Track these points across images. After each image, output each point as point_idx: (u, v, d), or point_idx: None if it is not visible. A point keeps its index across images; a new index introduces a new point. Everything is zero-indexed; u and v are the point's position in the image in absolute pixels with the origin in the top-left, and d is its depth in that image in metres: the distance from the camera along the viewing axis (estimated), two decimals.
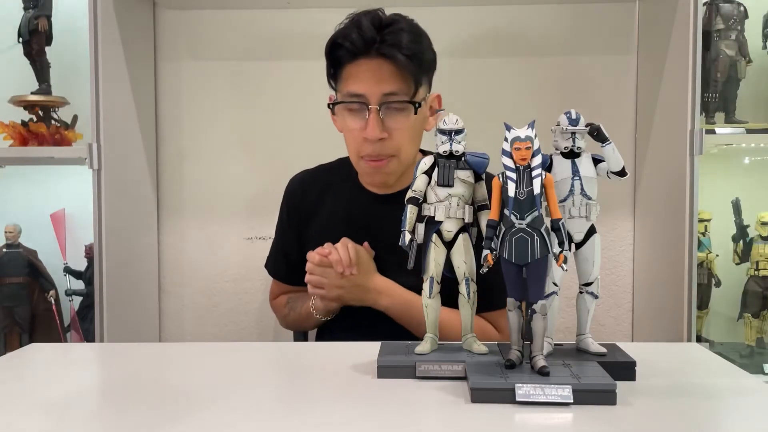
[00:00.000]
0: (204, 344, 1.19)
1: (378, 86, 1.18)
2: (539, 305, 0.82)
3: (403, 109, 1.20)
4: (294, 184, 1.44)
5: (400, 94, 1.19)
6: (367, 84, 1.19)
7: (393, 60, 1.17)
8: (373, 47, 1.18)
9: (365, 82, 1.19)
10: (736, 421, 0.79)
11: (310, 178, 1.43)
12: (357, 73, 1.20)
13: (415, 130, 1.24)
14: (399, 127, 1.21)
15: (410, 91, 1.20)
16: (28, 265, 1.67)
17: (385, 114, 1.20)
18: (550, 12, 1.76)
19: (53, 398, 0.83)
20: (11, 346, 1.63)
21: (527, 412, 0.76)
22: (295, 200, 1.42)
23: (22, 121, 1.62)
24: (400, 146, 1.23)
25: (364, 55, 1.19)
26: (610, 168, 0.88)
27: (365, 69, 1.19)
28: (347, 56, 1.20)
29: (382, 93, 1.19)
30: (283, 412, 0.78)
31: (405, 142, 1.23)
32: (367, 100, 1.19)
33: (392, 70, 1.18)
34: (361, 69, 1.20)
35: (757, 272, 1.61)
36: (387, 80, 1.18)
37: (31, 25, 1.62)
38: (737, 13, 1.58)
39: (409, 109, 1.21)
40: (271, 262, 1.48)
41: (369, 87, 1.19)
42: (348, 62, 1.21)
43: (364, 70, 1.19)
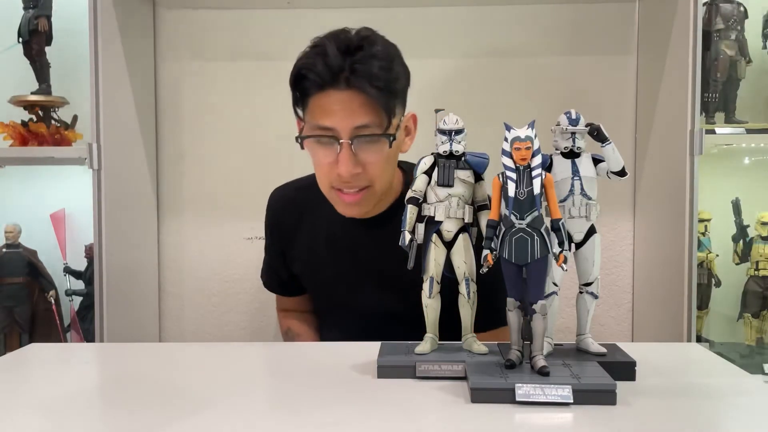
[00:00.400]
0: (204, 344, 1.19)
1: (349, 119, 1.09)
2: (539, 305, 0.82)
3: (376, 141, 1.11)
4: (273, 203, 1.39)
5: (372, 127, 1.10)
6: (338, 117, 1.09)
7: (364, 92, 1.08)
8: (342, 77, 1.08)
9: (335, 114, 1.09)
10: (736, 421, 0.79)
11: (289, 197, 1.37)
12: (326, 105, 1.10)
13: (389, 160, 1.16)
14: (373, 160, 1.12)
15: (383, 123, 1.10)
16: (28, 265, 1.67)
17: (358, 147, 1.10)
18: (550, 12, 1.76)
19: (53, 398, 0.83)
20: (11, 346, 1.63)
21: (527, 412, 0.76)
22: (275, 220, 1.38)
23: (22, 121, 1.62)
24: (374, 178, 1.15)
25: (331, 86, 1.09)
26: (610, 168, 0.88)
27: (334, 101, 1.09)
28: (314, 87, 1.10)
29: (353, 126, 1.09)
30: (283, 412, 0.78)
31: (380, 172, 1.15)
32: (338, 134, 1.10)
33: (363, 101, 1.08)
34: (330, 101, 1.09)
35: (757, 272, 1.61)
36: (358, 113, 1.09)
37: (31, 25, 1.62)
38: (737, 13, 1.58)
39: (383, 140, 1.12)
40: (264, 276, 1.48)
41: (339, 120, 1.09)
42: (315, 93, 1.10)
43: (333, 102, 1.09)
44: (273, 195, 1.40)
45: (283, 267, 1.39)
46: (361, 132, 1.10)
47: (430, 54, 1.78)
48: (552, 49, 1.77)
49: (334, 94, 1.09)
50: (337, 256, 1.28)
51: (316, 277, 1.34)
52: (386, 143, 1.12)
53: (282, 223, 1.36)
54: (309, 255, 1.32)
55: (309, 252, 1.32)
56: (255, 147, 1.82)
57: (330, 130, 1.10)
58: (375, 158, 1.12)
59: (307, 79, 1.10)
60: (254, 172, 1.83)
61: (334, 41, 1.10)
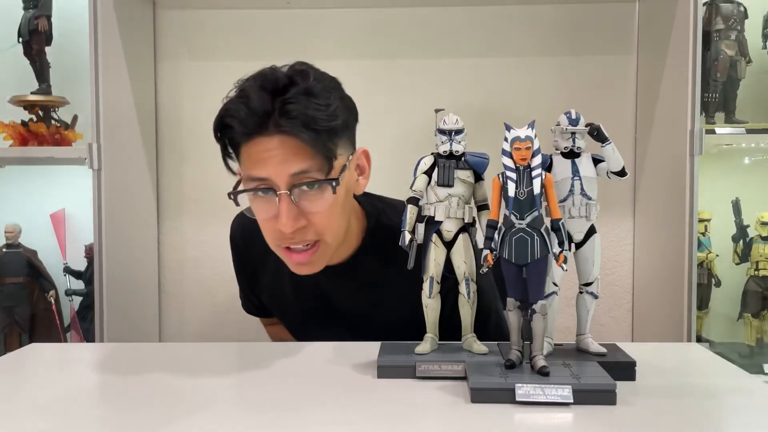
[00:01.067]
0: (204, 344, 1.19)
1: (283, 167, 0.96)
2: (539, 305, 0.82)
3: (318, 188, 0.98)
4: (235, 233, 1.29)
5: (311, 172, 0.97)
6: (270, 165, 0.96)
7: (296, 136, 0.94)
8: (270, 122, 0.95)
9: (267, 163, 0.96)
10: (736, 421, 0.79)
11: (249, 231, 1.19)
12: (255, 154, 0.97)
13: (338, 207, 1.02)
14: (319, 209, 0.99)
15: (323, 168, 0.97)
16: (28, 265, 1.67)
17: (299, 197, 0.98)
18: (550, 12, 1.76)
19: (53, 398, 0.83)
20: (11, 346, 1.63)
21: (527, 412, 0.76)
22: (239, 251, 1.30)
23: (22, 121, 1.62)
24: (323, 229, 1.02)
25: (259, 133, 0.96)
26: (610, 168, 0.88)
27: (265, 149, 0.96)
28: (240, 136, 0.98)
29: (289, 174, 0.96)
30: (283, 412, 0.78)
31: (327, 223, 1.02)
32: (274, 185, 0.97)
33: (297, 146, 0.95)
34: (261, 149, 0.96)
35: (757, 272, 1.61)
36: (293, 160, 0.95)
37: (31, 25, 1.62)
38: (737, 13, 1.58)
39: (325, 187, 0.98)
40: (241, 298, 1.44)
41: (273, 169, 0.96)
42: (244, 142, 0.98)
43: (263, 150, 0.96)
44: (233, 225, 1.29)
45: (253, 296, 1.36)
46: (300, 180, 0.97)
47: (429, 54, 1.78)
48: (552, 49, 1.77)
49: (264, 141, 0.96)
50: (303, 299, 1.22)
51: (285, 315, 1.32)
52: (329, 190, 0.98)
53: (245, 255, 1.27)
54: (275, 293, 1.26)
55: (275, 291, 1.25)
56: None
57: (265, 180, 0.98)
58: (319, 207, 0.99)
59: (231, 128, 0.97)
60: None
61: (260, 81, 0.98)
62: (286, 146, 0.95)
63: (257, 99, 0.96)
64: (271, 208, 0.99)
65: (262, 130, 0.96)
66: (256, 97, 0.96)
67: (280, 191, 0.96)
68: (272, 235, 1.04)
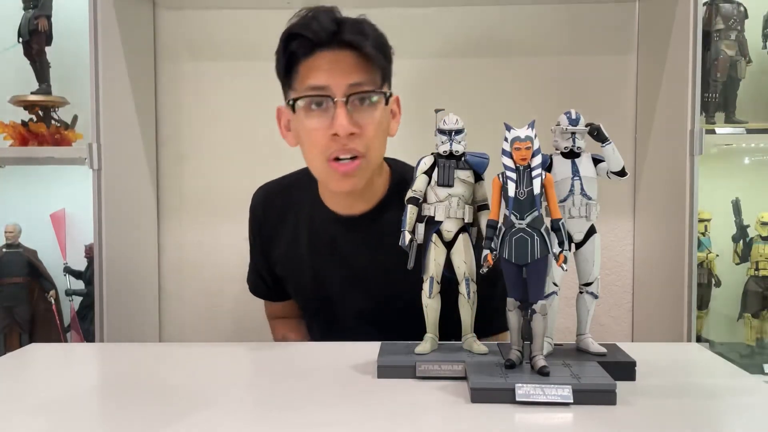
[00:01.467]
0: (204, 344, 1.19)
1: (343, 77, 1.07)
2: (539, 305, 0.82)
3: (371, 102, 1.09)
4: (256, 201, 1.35)
5: (366, 85, 1.08)
6: (330, 75, 1.07)
7: (358, 48, 1.07)
8: (334, 38, 1.07)
9: (328, 72, 1.07)
10: (736, 421, 0.79)
11: (272, 195, 1.33)
12: (317, 65, 1.08)
13: (383, 128, 1.13)
14: (369, 122, 1.09)
15: (377, 83, 1.10)
16: (28, 265, 1.67)
17: (353, 107, 1.07)
18: (550, 12, 1.76)
19: (53, 398, 0.84)
20: (11, 346, 1.63)
21: (527, 412, 0.76)
22: (258, 218, 1.34)
23: (22, 121, 1.62)
24: (369, 143, 1.10)
25: (323, 46, 1.08)
26: (610, 168, 0.88)
27: (327, 60, 1.08)
28: (304, 49, 1.08)
29: (347, 84, 1.07)
30: (283, 412, 0.78)
31: (374, 139, 1.10)
32: (332, 93, 1.07)
33: (357, 59, 1.08)
34: (323, 61, 1.08)
35: (757, 272, 1.61)
36: (352, 70, 1.07)
37: (31, 25, 1.62)
38: (737, 13, 1.58)
39: (378, 102, 1.10)
40: (250, 280, 1.44)
41: (333, 78, 1.07)
42: (304, 56, 1.09)
43: (325, 62, 1.08)
44: (256, 193, 1.37)
45: (266, 270, 1.36)
46: (356, 89, 1.07)
47: (429, 54, 1.78)
48: (552, 49, 1.77)
49: (326, 54, 1.08)
50: (319, 256, 1.24)
51: (299, 279, 1.30)
52: (381, 104, 1.10)
53: (265, 221, 1.33)
54: (291, 255, 1.28)
55: (291, 252, 1.28)
56: (255, 147, 1.82)
57: (323, 89, 1.07)
58: (371, 119, 1.09)
59: (300, 38, 1.08)
60: (254, 172, 1.82)
61: (325, 11, 1.10)
62: (347, 59, 1.08)
63: (324, 18, 1.08)
64: (324, 120, 1.08)
65: (326, 44, 1.08)
66: (323, 17, 1.08)
67: (337, 98, 1.06)
68: (321, 149, 1.10)
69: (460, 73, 1.77)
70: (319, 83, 1.07)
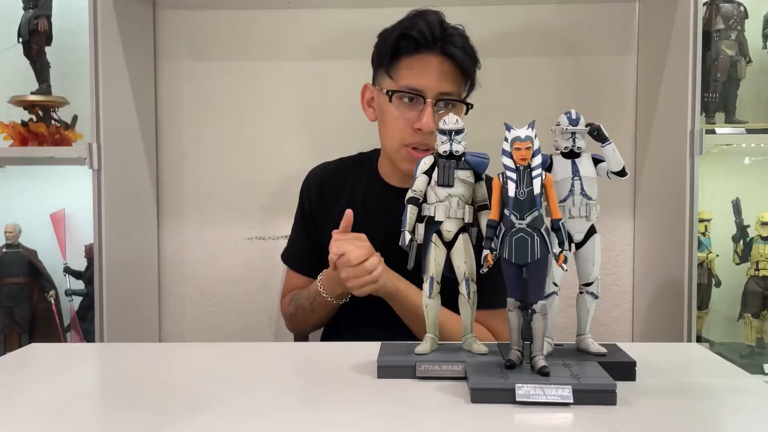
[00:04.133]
0: (204, 344, 1.19)
1: (437, 83, 1.23)
2: (539, 305, 0.82)
3: (454, 107, 1.26)
4: (314, 176, 1.46)
5: (454, 95, 1.25)
6: (427, 80, 1.23)
7: (454, 59, 1.23)
8: (437, 44, 1.22)
9: (425, 77, 1.23)
10: (736, 421, 0.79)
11: (330, 171, 1.45)
12: (418, 67, 1.24)
13: None
14: None
15: (462, 93, 1.27)
16: (28, 265, 1.67)
17: (437, 110, 1.24)
18: (550, 12, 1.76)
19: (53, 398, 0.83)
20: (11, 346, 1.63)
21: (527, 412, 0.76)
22: (314, 193, 1.43)
23: (22, 121, 1.62)
24: None
25: (426, 49, 1.23)
26: (610, 168, 0.88)
27: (426, 64, 1.23)
28: (410, 48, 1.24)
29: (439, 91, 1.23)
30: (282, 412, 0.78)
31: None
32: (425, 95, 1.23)
33: (451, 69, 1.24)
34: (423, 64, 1.23)
35: (757, 272, 1.61)
36: (445, 79, 1.24)
37: (31, 25, 1.62)
38: (737, 13, 1.58)
39: (459, 108, 1.27)
40: (291, 256, 1.47)
41: (429, 83, 1.23)
42: (408, 54, 1.24)
43: (425, 66, 1.23)
44: (314, 171, 1.47)
45: (317, 241, 1.39)
46: (444, 97, 1.24)
47: None
48: (552, 49, 1.77)
49: (427, 58, 1.23)
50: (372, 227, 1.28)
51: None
52: (462, 110, 1.27)
53: (321, 195, 1.41)
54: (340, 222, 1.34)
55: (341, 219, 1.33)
56: (255, 147, 1.82)
57: (419, 91, 1.23)
58: None
59: (409, 37, 1.23)
60: (254, 172, 1.83)
61: (433, 14, 1.25)
62: (444, 68, 1.23)
63: (433, 21, 1.23)
64: (412, 113, 1.24)
65: (429, 47, 1.23)
66: (433, 21, 1.23)
67: (429, 99, 1.23)
68: (401, 134, 1.26)
69: None
70: (415, 86, 1.24)
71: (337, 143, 1.59)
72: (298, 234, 1.47)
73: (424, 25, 1.22)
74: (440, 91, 1.23)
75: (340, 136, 1.76)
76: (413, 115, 1.24)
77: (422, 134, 1.23)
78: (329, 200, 1.40)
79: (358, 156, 1.46)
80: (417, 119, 1.23)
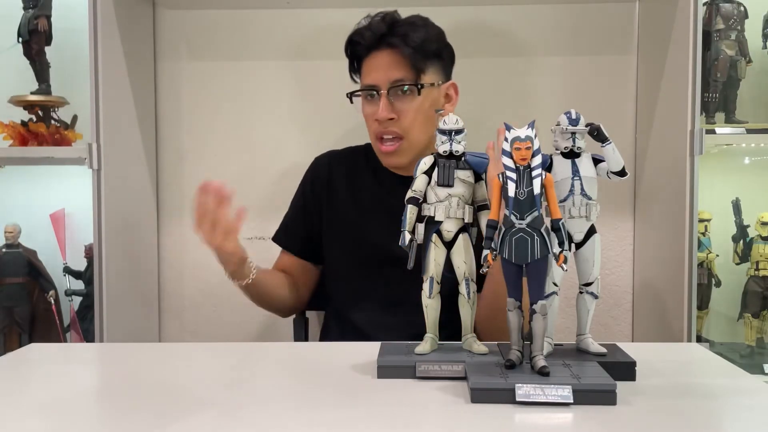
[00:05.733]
0: (204, 344, 1.19)
1: (386, 74, 1.32)
2: (539, 305, 0.82)
3: (409, 93, 1.32)
4: (321, 160, 1.51)
5: (405, 81, 1.32)
6: (378, 73, 1.33)
7: (397, 49, 1.31)
8: (384, 40, 1.32)
9: (376, 71, 1.33)
10: (736, 421, 0.79)
11: (338, 157, 1.50)
12: (371, 64, 1.35)
13: (422, 113, 1.33)
14: (405, 108, 1.32)
15: (414, 78, 1.32)
16: (28, 265, 1.67)
17: (394, 98, 1.32)
18: (550, 12, 1.76)
19: (53, 398, 0.83)
20: (11, 346, 1.63)
21: (527, 412, 0.76)
22: (321, 176, 1.47)
23: (22, 121, 1.62)
24: (408, 127, 1.32)
25: (375, 48, 1.34)
26: (610, 168, 0.88)
27: (377, 60, 1.34)
28: (362, 51, 1.36)
29: (389, 80, 1.32)
30: (283, 412, 0.78)
31: (413, 123, 1.32)
32: (378, 88, 1.33)
33: (398, 59, 1.32)
34: (374, 61, 1.34)
35: (757, 272, 1.61)
36: (393, 68, 1.32)
37: (31, 25, 1.62)
38: (737, 13, 1.58)
39: (412, 93, 1.32)
40: (283, 235, 1.50)
41: (379, 76, 1.33)
42: (365, 56, 1.36)
43: (375, 62, 1.34)
44: (321, 156, 1.52)
45: (317, 223, 1.45)
46: (396, 84, 1.32)
47: None
48: (552, 49, 1.77)
49: (377, 55, 1.34)
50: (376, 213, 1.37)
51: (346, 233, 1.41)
52: (416, 98, 1.32)
53: (328, 179, 1.46)
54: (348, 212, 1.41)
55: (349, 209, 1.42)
56: (255, 147, 1.82)
57: (373, 87, 1.33)
58: (407, 106, 1.32)
59: (357, 43, 1.36)
60: (254, 172, 1.83)
61: (383, 15, 1.35)
62: (391, 59, 1.32)
63: (376, 24, 1.34)
64: (374, 108, 1.34)
65: (377, 46, 1.34)
66: (375, 23, 1.35)
67: (383, 91, 1.32)
68: (371, 128, 1.37)
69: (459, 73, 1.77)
70: (370, 82, 1.35)
71: (337, 143, 1.59)
72: (294, 213, 1.50)
73: (365, 29, 1.35)
74: (391, 80, 1.31)
75: (340, 135, 1.75)
76: (375, 108, 1.33)
77: (380, 124, 1.32)
78: (337, 185, 1.45)
79: (366, 145, 1.49)
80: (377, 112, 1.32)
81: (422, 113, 1.33)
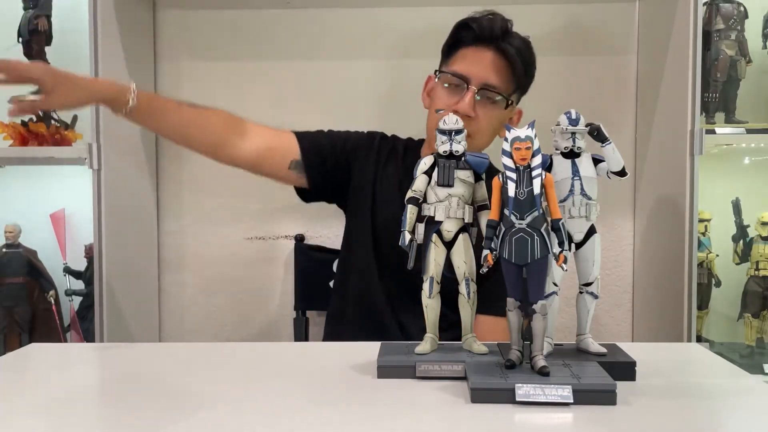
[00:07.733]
0: (204, 344, 1.19)
1: (484, 73, 1.28)
2: (539, 305, 0.82)
3: (495, 102, 1.30)
4: (373, 135, 1.47)
5: (498, 89, 1.29)
6: (476, 68, 1.28)
7: (507, 55, 1.28)
8: (494, 41, 1.28)
9: (475, 66, 1.29)
10: (736, 421, 0.79)
11: (388, 141, 1.47)
12: (471, 57, 1.30)
13: (495, 126, 1.32)
14: (486, 114, 1.30)
15: (507, 91, 1.30)
16: (28, 265, 1.67)
17: (480, 99, 1.29)
18: (550, 12, 1.76)
19: (53, 398, 0.83)
20: (11, 346, 1.63)
21: (527, 412, 0.76)
22: (365, 147, 1.44)
23: (22, 121, 1.62)
24: (479, 130, 1.30)
25: (483, 43, 1.29)
26: (610, 168, 0.88)
27: (479, 56, 1.29)
28: (468, 39, 1.30)
29: (484, 81, 1.28)
30: (283, 412, 0.78)
31: (485, 129, 1.31)
32: (470, 82, 1.28)
33: (502, 65, 1.29)
34: (476, 55, 1.29)
35: (757, 272, 1.61)
36: (494, 72, 1.29)
37: (31, 25, 1.62)
38: (737, 13, 1.58)
39: (500, 104, 1.31)
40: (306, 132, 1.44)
41: (476, 72, 1.28)
42: (465, 45, 1.31)
43: (477, 56, 1.29)
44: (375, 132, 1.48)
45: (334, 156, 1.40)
46: (488, 88, 1.29)
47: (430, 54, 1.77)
48: (552, 49, 1.77)
49: (481, 51, 1.29)
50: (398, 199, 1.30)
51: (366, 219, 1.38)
52: (498, 109, 1.31)
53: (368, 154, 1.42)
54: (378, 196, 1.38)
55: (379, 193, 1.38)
56: None
57: (464, 77, 1.29)
58: (487, 115, 1.30)
59: (469, 28, 1.30)
60: None
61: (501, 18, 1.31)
62: (497, 62, 1.29)
63: (496, 21, 1.29)
64: (452, 98, 1.30)
65: (485, 43, 1.29)
66: (497, 19, 1.30)
67: (472, 86, 1.28)
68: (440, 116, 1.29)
69: None
70: (462, 72, 1.29)
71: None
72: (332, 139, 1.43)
73: (486, 21, 1.29)
74: (485, 81, 1.28)
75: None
76: (455, 100, 1.29)
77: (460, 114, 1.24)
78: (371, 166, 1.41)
79: (418, 141, 1.48)
80: (457, 103, 1.28)
81: (497, 125, 1.33)
